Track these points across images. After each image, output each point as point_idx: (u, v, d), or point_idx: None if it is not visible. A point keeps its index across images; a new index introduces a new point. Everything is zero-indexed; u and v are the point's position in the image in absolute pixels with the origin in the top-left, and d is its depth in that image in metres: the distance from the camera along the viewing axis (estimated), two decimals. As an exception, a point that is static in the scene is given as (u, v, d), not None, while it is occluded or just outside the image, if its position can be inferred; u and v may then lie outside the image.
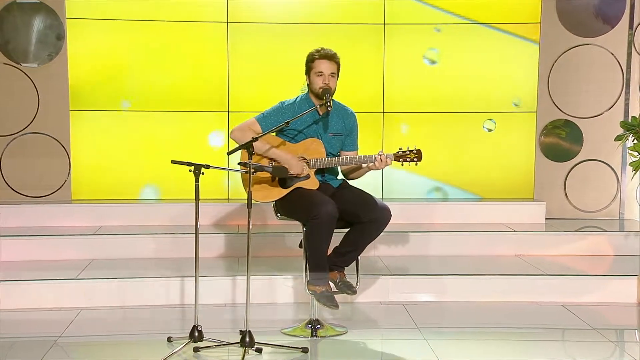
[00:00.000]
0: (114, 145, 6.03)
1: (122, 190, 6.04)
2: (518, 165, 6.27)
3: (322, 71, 4.12)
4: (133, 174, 6.04)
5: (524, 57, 6.18)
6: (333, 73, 4.14)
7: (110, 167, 6.02)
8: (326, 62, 4.12)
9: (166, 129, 6.04)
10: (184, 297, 4.68)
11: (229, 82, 6.07)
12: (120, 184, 6.04)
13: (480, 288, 4.86)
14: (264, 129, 4.15)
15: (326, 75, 4.12)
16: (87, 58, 5.92)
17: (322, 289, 4.02)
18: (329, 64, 4.13)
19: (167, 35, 5.98)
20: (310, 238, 3.99)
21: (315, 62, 4.13)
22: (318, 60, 4.13)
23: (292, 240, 5.25)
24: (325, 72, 4.12)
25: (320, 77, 4.12)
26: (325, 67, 4.12)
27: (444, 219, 5.93)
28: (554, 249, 5.51)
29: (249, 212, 3.75)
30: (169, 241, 5.32)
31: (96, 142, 6.01)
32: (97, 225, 5.62)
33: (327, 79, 4.12)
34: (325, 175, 4.26)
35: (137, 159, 6.04)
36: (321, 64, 4.12)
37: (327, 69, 4.12)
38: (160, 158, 5.83)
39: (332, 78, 4.15)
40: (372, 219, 4.04)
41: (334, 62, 4.15)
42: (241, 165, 4.00)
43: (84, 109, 5.97)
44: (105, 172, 6.02)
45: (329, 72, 4.12)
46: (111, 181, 6.02)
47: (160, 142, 6.03)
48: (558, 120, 6.30)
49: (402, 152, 4.17)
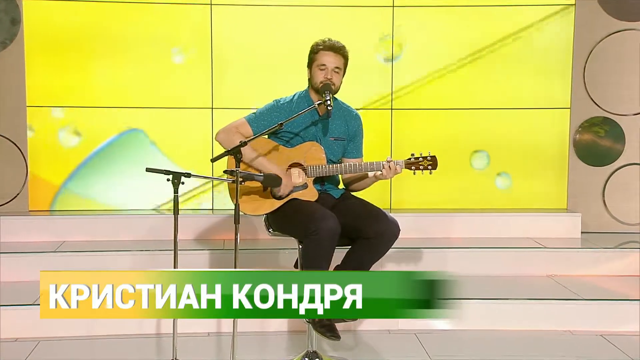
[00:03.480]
0: (77, 147, 6.07)
1: (89, 200, 6.09)
2: (549, 170, 6.32)
3: (325, 64, 4.15)
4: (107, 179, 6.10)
5: (556, 44, 6.25)
6: (338, 68, 4.17)
7: (74, 172, 6.08)
8: (331, 55, 4.16)
9: (139, 128, 6.10)
10: (161, 326, 4.71)
11: (213, 73, 6.11)
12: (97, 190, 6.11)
13: (505, 314, 4.91)
14: (255, 130, 4.19)
15: (329, 70, 4.15)
16: (46, 46, 5.97)
17: (321, 317, 4.06)
18: (335, 57, 4.16)
19: (139, 19, 6.02)
20: (308, 257, 4.02)
21: (319, 54, 4.17)
22: (322, 51, 4.16)
23: (286, 258, 5.29)
24: (328, 66, 4.15)
25: (323, 71, 4.16)
26: (330, 60, 4.15)
27: (463, 232, 5.99)
28: (591, 269, 5.56)
29: (237, 227, 3.79)
30: (143, 259, 5.35)
31: (58, 143, 6.06)
32: (59, 241, 5.66)
33: (329, 73, 4.15)
34: (325, 184, 4.31)
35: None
36: (325, 56, 4.16)
37: (331, 62, 4.16)
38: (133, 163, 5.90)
39: (336, 74, 4.18)
40: (378, 233, 4.06)
41: (341, 56, 4.18)
42: (227, 174, 4.03)
43: (43, 105, 6.02)
44: (68, 178, 6.07)
45: (333, 66, 4.16)
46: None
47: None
48: (596, 118, 6.35)
49: (415, 158, 4.20)
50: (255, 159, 4.16)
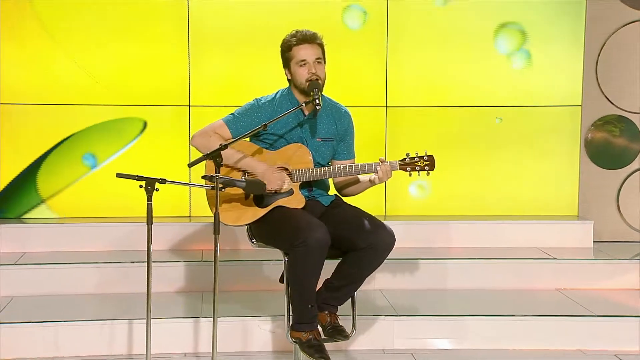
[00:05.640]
0: (42, 147, 6.08)
1: (53, 207, 6.09)
2: (558, 173, 6.35)
3: (305, 59, 4.15)
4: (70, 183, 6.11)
5: (565, 37, 6.29)
6: (319, 58, 4.18)
7: (37, 173, 6.07)
8: (307, 47, 4.15)
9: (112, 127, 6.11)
10: (133, 346, 4.71)
11: (190, 68, 6.12)
12: (50, 198, 6.10)
13: (510, 332, 4.92)
14: (234, 133, 4.19)
15: (311, 63, 4.16)
16: (12, 41, 5.97)
17: (309, 336, 4.05)
18: (312, 48, 4.16)
19: (112, 11, 6.03)
20: (295, 271, 4.03)
21: (294, 50, 4.17)
22: (296, 46, 4.16)
23: (271, 271, 5.31)
24: (309, 59, 4.15)
25: (305, 66, 4.16)
26: (308, 52, 4.16)
27: (464, 242, 6.02)
28: (604, 282, 5.59)
29: (216, 238, 3.80)
30: (113, 272, 5.36)
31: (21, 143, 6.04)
32: (20, 252, 5.65)
33: (313, 67, 4.16)
34: (313, 190, 4.31)
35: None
36: (301, 50, 4.15)
37: (310, 55, 4.16)
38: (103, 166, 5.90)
39: (319, 65, 4.18)
40: (371, 244, 4.07)
41: (317, 45, 4.18)
42: (206, 180, 4.04)
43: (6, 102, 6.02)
44: (30, 181, 6.07)
45: (314, 58, 4.16)
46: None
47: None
48: (609, 116, 6.38)
49: (410, 159, 4.21)
50: (240, 160, 4.17)
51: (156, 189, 3.81)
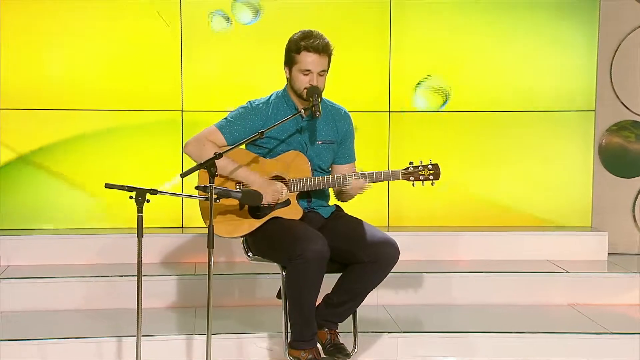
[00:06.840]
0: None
1: (37, 217, 6.11)
2: (570, 181, 6.36)
3: (309, 69, 4.15)
4: (52, 195, 6.11)
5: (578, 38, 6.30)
6: (323, 71, 4.18)
7: (22, 183, 6.08)
8: (315, 57, 4.14)
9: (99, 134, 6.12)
10: (122, 353, 4.70)
11: (183, 71, 6.14)
12: (35, 208, 6.11)
13: (520, 350, 4.91)
14: (228, 139, 4.20)
15: (314, 75, 4.16)
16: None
17: (308, 355, 4.07)
18: (319, 59, 4.15)
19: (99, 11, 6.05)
20: (293, 286, 4.04)
21: (302, 55, 4.15)
22: (305, 53, 4.14)
23: (268, 285, 5.30)
24: (314, 70, 4.15)
25: (307, 75, 4.16)
26: (315, 63, 4.15)
27: (471, 254, 6.02)
28: (620, 297, 5.58)
29: (210, 252, 3.80)
30: (101, 286, 5.35)
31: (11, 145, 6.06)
32: (2, 266, 5.65)
33: (315, 79, 4.16)
34: (311, 200, 4.33)
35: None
36: (308, 59, 4.14)
37: (315, 67, 4.15)
38: (90, 175, 5.91)
39: (321, 77, 4.18)
40: (374, 258, 4.08)
41: (326, 56, 4.17)
42: (199, 191, 4.05)
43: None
44: (15, 192, 6.08)
45: (318, 70, 4.16)
46: (22, 204, 6.09)
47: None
48: (625, 122, 6.39)
49: (414, 167, 4.22)
50: (235, 170, 4.17)
51: (147, 200, 3.81)
